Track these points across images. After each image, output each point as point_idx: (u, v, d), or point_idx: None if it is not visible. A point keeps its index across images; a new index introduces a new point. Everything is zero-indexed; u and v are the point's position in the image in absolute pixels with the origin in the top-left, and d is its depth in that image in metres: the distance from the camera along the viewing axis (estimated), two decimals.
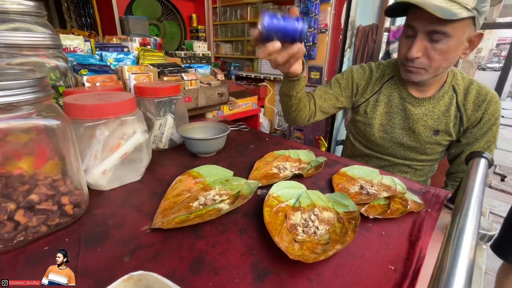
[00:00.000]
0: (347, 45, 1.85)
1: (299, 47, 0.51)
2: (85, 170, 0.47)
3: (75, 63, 0.69)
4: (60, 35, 0.84)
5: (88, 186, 0.48)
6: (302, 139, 2.26)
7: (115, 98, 0.47)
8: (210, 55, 2.66)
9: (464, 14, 0.54)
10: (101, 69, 0.71)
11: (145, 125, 0.53)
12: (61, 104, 0.57)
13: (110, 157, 0.48)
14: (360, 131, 0.84)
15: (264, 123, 2.62)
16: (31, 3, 0.61)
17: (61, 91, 0.58)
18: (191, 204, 0.44)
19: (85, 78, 0.64)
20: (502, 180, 2.41)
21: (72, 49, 0.85)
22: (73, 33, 1.12)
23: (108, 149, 0.48)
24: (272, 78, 2.62)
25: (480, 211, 0.29)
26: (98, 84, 0.65)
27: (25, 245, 0.35)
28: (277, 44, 0.47)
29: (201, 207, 0.43)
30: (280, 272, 0.32)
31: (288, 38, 0.47)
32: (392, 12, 0.66)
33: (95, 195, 0.47)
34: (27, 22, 0.62)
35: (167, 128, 0.68)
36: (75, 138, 0.39)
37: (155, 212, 0.42)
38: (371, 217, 0.42)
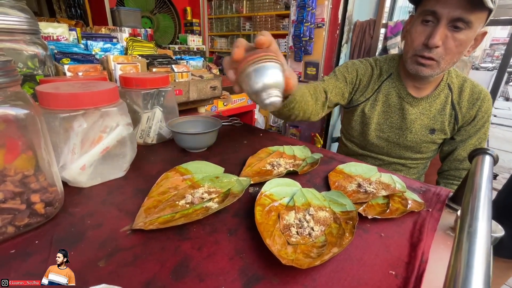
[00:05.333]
0: (344, 41, 1.82)
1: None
2: (63, 165, 0.43)
3: (56, 51, 0.65)
4: (43, 22, 0.80)
5: (66, 182, 0.45)
6: (297, 136, 2.24)
7: (94, 88, 0.43)
8: (204, 50, 2.61)
9: (490, 4, 0.52)
10: (85, 58, 0.66)
11: (129, 117, 0.49)
12: None
13: (90, 152, 0.45)
14: (354, 130, 0.81)
15: (259, 119, 2.59)
16: None
17: (38, 80, 0.54)
18: (177, 202, 0.41)
19: (66, 67, 0.60)
20: (494, 178, 2.43)
21: (55, 38, 0.80)
22: (58, 21, 1.07)
23: (88, 143, 0.45)
24: None
25: (491, 212, 0.26)
26: (80, 73, 0.61)
27: None
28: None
29: (187, 206, 0.40)
30: (271, 278, 0.30)
31: None
32: None
33: (73, 193, 0.44)
34: (4, 5, 0.58)
35: (155, 121, 0.65)
36: (46, 129, 0.35)
37: (138, 211, 0.39)
38: (369, 217, 0.39)
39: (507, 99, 6.83)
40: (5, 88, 0.31)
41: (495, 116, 4.89)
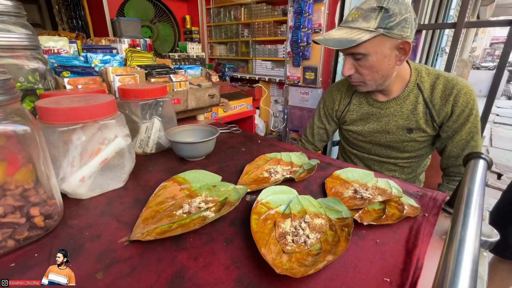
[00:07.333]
0: None
1: None
2: (62, 178, 0.44)
3: (56, 64, 0.66)
4: (44, 36, 0.82)
5: (66, 195, 0.46)
6: (298, 140, 2.24)
7: (93, 101, 0.44)
8: (204, 57, 2.63)
9: (366, 36, 0.59)
10: (85, 71, 0.68)
11: (127, 129, 0.50)
12: None
13: (89, 164, 0.46)
14: (344, 136, 0.90)
15: (259, 124, 2.59)
16: (9, 3, 0.58)
17: (39, 94, 0.56)
18: (174, 212, 0.42)
19: (66, 80, 0.61)
20: (499, 178, 2.41)
21: (56, 51, 0.82)
22: (59, 35, 1.09)
23: (87, 155, 0.46)
24: (267, 79, 2.60)
25: (481, 218, 0.27)
26: (80, 86, 0.62)
27: None
28: None
29: (185, 215, 0.41)
30: (267, 287, 0.30)
31: None
32: None
33: (72, 205, 0.45)
34: (6, 22, 0.59)
35: (153, 131, 0.66)
36: (44, 144, 0.36)
37: (136, 222, 0.39)
38: (365, 223, 0.39)
39: (509, 98, 6.79)
40: (6, 105, 0.32)
41: (497, 115, 4.86)
